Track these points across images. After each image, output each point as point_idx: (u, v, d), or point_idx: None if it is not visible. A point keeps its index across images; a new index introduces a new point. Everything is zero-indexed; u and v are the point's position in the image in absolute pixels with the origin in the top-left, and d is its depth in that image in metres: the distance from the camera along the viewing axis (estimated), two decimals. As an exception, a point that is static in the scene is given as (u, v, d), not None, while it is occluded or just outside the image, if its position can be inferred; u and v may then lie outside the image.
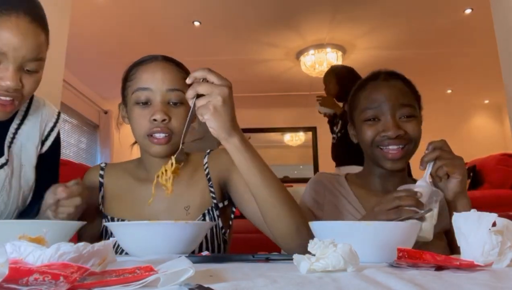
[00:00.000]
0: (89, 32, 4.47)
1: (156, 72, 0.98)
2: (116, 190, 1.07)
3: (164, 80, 0.98)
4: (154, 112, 0.95)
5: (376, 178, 1.09)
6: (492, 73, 4.69)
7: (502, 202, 3.19)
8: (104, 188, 1.08)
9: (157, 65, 1.00)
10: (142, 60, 1.03)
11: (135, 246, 0.76)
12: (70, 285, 0.36)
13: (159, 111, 0.95)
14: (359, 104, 1.07)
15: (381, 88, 1.04)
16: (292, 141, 7.42)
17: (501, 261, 0.57)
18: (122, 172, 1.10)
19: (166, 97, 0.97)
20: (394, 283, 0.42)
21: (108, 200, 1.07)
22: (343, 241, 0.53)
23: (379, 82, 1.06)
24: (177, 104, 0.98)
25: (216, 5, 4.06)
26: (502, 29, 2.94)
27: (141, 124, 0.97)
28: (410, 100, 1.04)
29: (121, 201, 1.05)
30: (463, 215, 0.60)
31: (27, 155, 1.06)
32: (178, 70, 1.02)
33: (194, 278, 0.40)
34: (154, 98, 0.97)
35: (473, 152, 5.27)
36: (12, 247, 0.40)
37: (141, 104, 0.97)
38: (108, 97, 6.40)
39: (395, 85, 1.05)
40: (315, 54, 5.07)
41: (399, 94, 1.03)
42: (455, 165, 0.88)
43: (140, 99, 0.97)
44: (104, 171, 1.10)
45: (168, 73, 0.99)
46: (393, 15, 4.31)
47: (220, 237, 1.02)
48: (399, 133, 0.98)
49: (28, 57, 0.89)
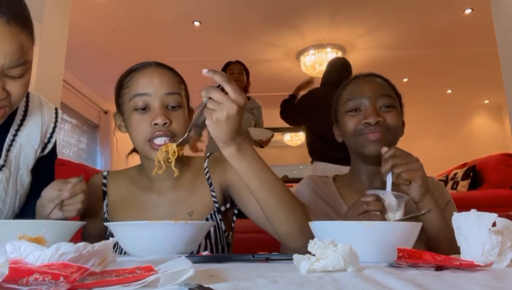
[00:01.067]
0: (89, 32, 4.47)
1: (153, 77, 0.98)
2: (120, 198, 1.07)
3: (162, 84, 0.97)
4: (154, 116, 0.94)
5: (363, 176, 1.10)
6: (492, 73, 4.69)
7: (502, 202, 3.19)
8: (108, 197, 1.07)
9: (152, 70, 0.99)
10: (135, 67, 1.02)
11: (135, 246, 0.76)
12: (70, 285, 0.36)
13: (160, 115, 0.94)
14: (341, 99, 1.12)
15: (362, 82, 1.10)
16: (292, 141, 7.42)
17: (501, 261, 0.57)
18: (125, 180, 1.09)
19: (165, 101, 0.97)
20: (394, 283, 0.42)
21: (112, 208, 1.06)
22: (343, 241, 0.53)
23: (360, 78, 1.12)
24: (175, 107, 0.98)
25: (216, 5, 4.06)
26: (502, 29, 2.94)
27: (142, 129, 0.95)
28: (390, 92, 1.09)
29: (125, 209, 1.05)
30: (463, 215, 0.60)
31: (25, 158, 1.01)
32: (173, 74, 1.02)
33: (194, 278, 0.40)
34: (153, 103, 0.96)
35: (473, 152, 5.28)
36: (12, 247, 0.40)
37: (139, 110, 0.96)
38: (108, 97, 6.40)
39: (376, 80, 1.11)
40: (315, 54, 5.07)
41: (379, 86, 1.08)
42: (411, 171, 0.90)
43: (138, 105, 0.96)
44: (107, 180, 1.10)
45: (165, 77, 0.99)
46: (393, 15, 4.31)
47: (223, 240, 1.03)
48: (378, 120, 1.02)
49: (8, 64, 0.79)
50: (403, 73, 5.64)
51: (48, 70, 2.86)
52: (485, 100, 7.14)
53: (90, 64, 5.26)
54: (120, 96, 1.02)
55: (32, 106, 1.04)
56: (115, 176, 1.11)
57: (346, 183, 1.14)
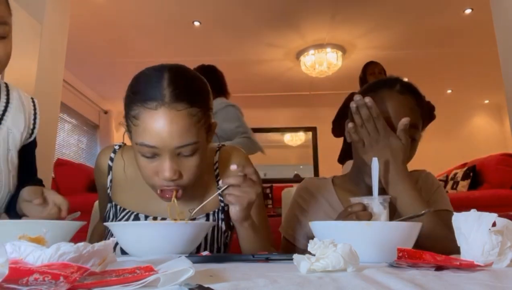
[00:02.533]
0: (89, 32, 4.47)
1: (164, 127, 0.83)
2: (123, 178, 1.04)
3: (173, 136, 0.84)
4: (162, 170, 0.86)
5: (363, 179, 1.09)
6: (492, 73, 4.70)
7: (502, 202, 3.20)
8: (113, 173, 1.05)
9: (165, 115, 0.83)
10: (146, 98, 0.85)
11: (135, 246, 0.76)
12: (70, 285, 0.36)
13: (168, 170, 0.85)
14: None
15: (394, 101, 1.00)
16: (292, 141, 7.43)
17: (501, 261, 0.57)
18: (131, 162, 1.03)
19: (175, 152, 0.86)
20: (394, 283, 0.42)
21: (115, 185, 1.05)
22: (343, 241, 0.53)
23: (393, 93, 1.01)
24: (188, 152, 0.87)
25: (216, 5, 4.06)
26: (502, 29, 2.94)
27: (150, 177, 0.89)
28: (417, 121, 1.01)
29: (127, 191, 1.03)
30: (463, 215, 0.60)
31: (13, 141, 1.09)
32: (190, 115, 0.86)
33: (194, 278, 0.40)
34: (162, 154, 0.86)
35: (473, 152, 5.28)
36: (12, 247, 0.40)
37: (147, 156, 0.87)
38: (108, 97, 6.41)
39: (408, 101, 1.01)
40: (315, 54, 5.07)
41: (409, 113, 0.99)
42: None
43: (145, 154, 0.87)
44: (115, 155, 1.06)
45: (178, 127, 0.84)
46: (393, 15, 4.31)
47: (220, 240, 1.02)
48: None
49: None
50: (403, 73, 5.60)
51: (48, 70, 2.86)
52: (485, 100, 7.14)
53: (90, 64, 5.26)
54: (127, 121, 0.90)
55: (12, 95, 1.13)
56: (125, 153, 1.06)
57: (345, 186, 1.14)
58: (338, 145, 3.17)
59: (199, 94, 0.90)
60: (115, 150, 1.07)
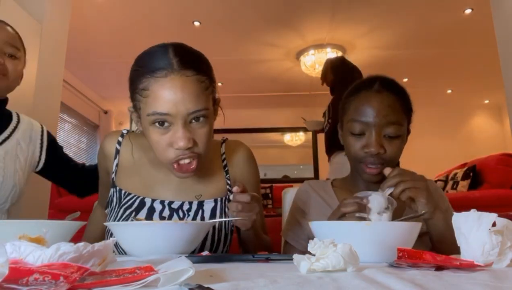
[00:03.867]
0: (89, 32, 4.47)
1: (175, 92, 0.84)
2: (130, 163, 1.04)
3: (185, 102, 0.84)
4: (176, 139, 0.85)
5: (361, 181, 1.10)
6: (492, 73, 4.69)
7: (502, 202, 3.19)
8: (120, 157, 1.05)
9: (174, 81, 0.84)
10: (154, 68, 0.86)
11: (135, 246, 0.76)
12: (70, 285, 0.36)
13: (183, 138, 0.85)
14: (348, 111, 1.07)
15: (372, 101, 1.02)
16: (292, 141, 7.43)
17: (501, 261, 0.57)
18: (139, 147, 1.04)
19: (188, 118, 0.86)
20: (394, 283, 0.42)
21: (120, 170, 1.04)
22: (343, 241, 0.53)
23: (372, 93, 1.04)
24: (200, 119, 0.88)
25: (216, 5, 4.06)
26: (502, 29, 2.94)
27: (164, 150, 0.88)
28: (398, 118, 1.02)
29: (132, 176, 1.03)
30: (463, 215, 0.60)
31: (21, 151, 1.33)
32: (198, 81, 0.87)
33: (194, 278, 0.40)
34: (175, 122, 0.86)
35: (473, 152, 5.28)
36: (12, 247, 0.40)
37: (159, 126, 0.87)
38: (108, 97, 6.41)
39: (387, 98, 1.03)
40: (315, 54, 5.07)
41: (389, 110, 1.01)
42: (416, 188, 0.89)
43: (157, 125, 0.87)
44: (123, 139, 1.06)
45: (190, 92, 0.85)
46: (393, 15, 4.31)
47: (228, 228, 1.02)
48: (379, 151, 1.00)
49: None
50: (403, 73, 5.63)
51: (48, 70, 2.86)
52: (485, 100, 7.14)
53: (90, 64, 5.26)
54: (135, 98, 0.91)
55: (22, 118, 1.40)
56: (133, 138, 1.06)
57: (344, 188, 1.14)
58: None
59: (205, 64, 0.92)
60: (123, 134, 1.07)
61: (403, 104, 1.05)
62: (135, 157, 1.04)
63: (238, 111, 6.40)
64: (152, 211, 0.98)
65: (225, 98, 1.01)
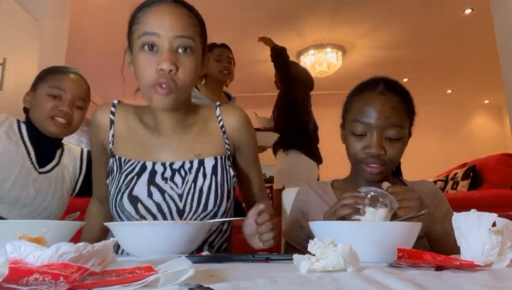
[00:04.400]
0: (89, 32, 4.47)
1: (164, 16, 0.92)
2: (126, 131, 1.05)
3: (173, 26, 0.91)
4: (161, 60, 0.90)
5: (362, 181, 1.09)
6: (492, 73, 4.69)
7: (502, 202, 3.19)
8: (115, 126, 1.06)
9: (166, 8, 0.93)
10: (149, 1, 0.96)
11: (135, 246, 0.76)
12: (70, 285, 0.36)
13: (166, 60, 0.89)
14: (351, 111, 1.08)
15: (375, 102, 1.02)
16: (292, 141, 7.41)
17: (501, 261, 0.57)
18: (133, 115, 1.07)
19: (174, 44, 0.91)
20: (394, 283, 0.42)
21: (117, 139, 1.05)
22: (343, 241, 0.53)
23: (375, 94, 1.04)
24: (186, 50, 0.92)
25: (216, 5, 4.06)
26: (502, 29, 2.95)
27: (148, 72, 0.91)
28: (401, 120, 1.03)
29: (130, 143, 1.04)
30: (463, 215, 0.60)
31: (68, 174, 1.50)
32: (188, 15, 0.95)
33: (194, 278, 0.40)
34: (162, 45, 0.91)
35: (473, 152, 5.28)
36: (12, 247, 0.40)
37: (147, 50, 0.92)
38: (108, 97, 6.40)
39: (391, 100, 1.03)
40: (315, 54, 5.08)
41: (392, 112, 1.01)
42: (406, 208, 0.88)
43: (146, 44, 0.92)
44: (116, 109, 1.07)
45: (177, 18, 0.93)
46: (393, 15, 4.31)
47: (230, 184, 1.03)
48: (380, 153, 1.00)
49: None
50: (403, 73, 5.64)
51: (48, 70, 2.86)
52: (485, 100, 7.14)
53: (90, 64, 5.26)
54: (131, 32, 0.97)
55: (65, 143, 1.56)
56: (124, 108, 1.08)
57: (344, 188, 1.14)
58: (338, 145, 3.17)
59: (197, 12, 1.01)
60: (114, 104, 1.08)
61: (406, 107, 1.05)
62: (131, 125, 1.05)
63: (238, 111, 6.39)
64: (154, 173, 0.98)
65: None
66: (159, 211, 0.95)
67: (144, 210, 0.95)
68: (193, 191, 0.97)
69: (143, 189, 0.96)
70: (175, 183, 0.98)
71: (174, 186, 0.97)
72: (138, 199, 0.95)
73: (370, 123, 1.01)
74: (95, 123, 1.07)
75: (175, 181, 0.98)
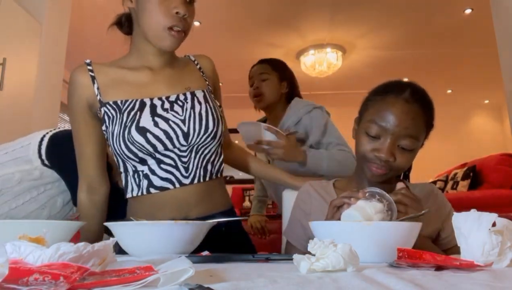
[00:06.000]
0: (89, 32, 4.47)
1: None
2: (110, 79, 1.09)
3: None
4: (177, 4, 1.01)
5: (365, 181, 1.09)
6: (492, 73, 4.70)
7: (502, 202, 3.19)
8: (98, 80, 1.08)
9: None
10: None
11: (135, 246, 0.76)
12: (70, 285, 0.36)
13: (182, 5, 1.01)
14: (370, 110, 1.05)
15: (398, 108, 0.99)
16: (292, 141, 7.41)
17: (501, 261, 0.57)
18: (111, 67, 1.13)
19: None
20: (394, 283, 0.42)
21: (104, 89, 1.07)
22: (343, 241, 0.53)
23: (399, 100, 1.01)
24: (192, 2, 1.06)
25: (216, 5, 4.06)
26: (502, 29, 2.94)
27: (165, 15, 1.01)
28: (418, 132, 1.01)
29: (121, 87, 1.08)
30: (463, 215, 0.60)
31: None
32: None
33: (194, 278, 0.40)
34: None
35: (473, 152, 5.28)
36: (12, 247, 0.40)
37: None
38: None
39: (413, 110, 1.00)
40: (315, 54, 5.07)
41: (411, 123, 0.99)
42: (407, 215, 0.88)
43: None
44: (92, 66, 1.11)
45: None
46: (393, 15, 4.31)
47: (219, 112, 1.13)
48: (389, 159, 0.99)
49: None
50: (403, 73, 5.64)
51: (48, 70, 2.86)
52: (485, 100, 7.14)
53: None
54: None
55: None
56: (99, 65, 1.13)
57: (347, 188, 1.13)
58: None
59: None
60: (88, 63, 1.12)
61: (426, 120, 1.03)
62: (115, 75, 1.10)
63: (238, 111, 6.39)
64: (154, 107, 1.05)
65: (225, 98, 1.03)
66: (167, 137, 1.02)
67: (154, 139, 1.01)
68: (194, 115, 1.06)
69: (148, 120, 1.02)
70: (176, 112, 1.05)
71: (175, 114, 1.05)
72: (146, 129, 1.00)
73: (387, 128, 0.99)
74: (76, 82, 1.08)
75: (175, 110, 1.06)
